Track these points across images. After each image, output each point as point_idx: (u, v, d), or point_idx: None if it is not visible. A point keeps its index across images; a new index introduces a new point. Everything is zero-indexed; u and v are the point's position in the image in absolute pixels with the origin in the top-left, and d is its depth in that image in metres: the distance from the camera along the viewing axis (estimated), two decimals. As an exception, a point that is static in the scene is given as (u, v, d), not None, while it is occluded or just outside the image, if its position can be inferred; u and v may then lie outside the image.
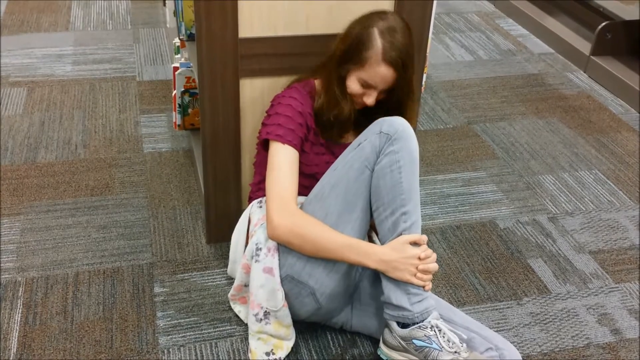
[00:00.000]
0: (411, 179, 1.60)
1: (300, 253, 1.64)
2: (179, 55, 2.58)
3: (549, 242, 2.26)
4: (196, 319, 1.89)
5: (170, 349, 1.79)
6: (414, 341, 1.57)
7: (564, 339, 1.89)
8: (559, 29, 3.73)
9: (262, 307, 1.69)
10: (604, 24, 3.38)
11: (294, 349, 1.79)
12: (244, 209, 2.09)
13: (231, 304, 1.90)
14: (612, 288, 2.08)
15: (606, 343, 1.89)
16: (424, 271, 1.59)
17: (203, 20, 1.79)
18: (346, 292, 1.76)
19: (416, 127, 1.70)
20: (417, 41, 1.98)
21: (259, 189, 1.86)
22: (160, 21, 3.75)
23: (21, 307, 1.90)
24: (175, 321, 1.87)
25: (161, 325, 1.86)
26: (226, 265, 2.06)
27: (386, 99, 1.73)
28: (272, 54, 1.89)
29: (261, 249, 1.69)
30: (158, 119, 2.84)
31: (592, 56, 3.41)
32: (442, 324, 1.59)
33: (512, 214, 2.38)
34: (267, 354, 1.72)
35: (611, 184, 2.58)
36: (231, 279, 2.01)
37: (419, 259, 1.58)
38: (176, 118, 2.56)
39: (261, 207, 1.80)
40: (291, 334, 1.74)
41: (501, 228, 2.31)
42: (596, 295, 2.06)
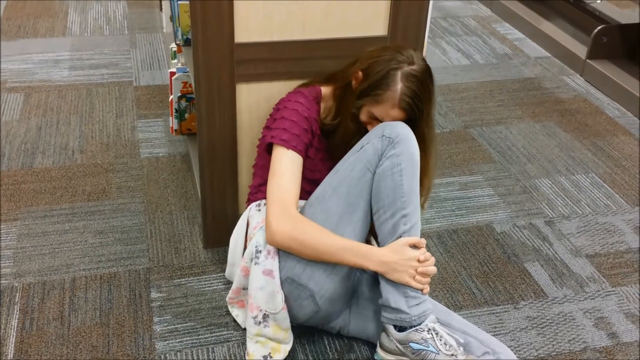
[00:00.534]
0: (412, 182, 1.62)
1: (300, 256, 1.64)
2: (175, 60, 2.58)
3: (545, 245, 2.26)
4: (193, 324, 1.88)
5: (167, 354, 1.79)
6: (411, 344, 1.58)
7: (560, 342, 1.89)
8: (555, 32, 3.74)
9: (261, 310, 1.69)
10: (600, 27, 3.39)
11: (291, 354, 1.79)
12: (241, 214, 2.09)
13: (229, 307, 1.90)
14: (609, 292, 2.09)
15: (603, 347, 1.89)
16: (423, 274, 1.60)
17: (199, 25, 1.79)
18: (345, 296, 1.76)
19: (437, 156, 1.72)
20: (414, 44, 1.99)
21: (258, 192, 1.87)
22: (157, 26, 3.76)
23: (18, 312, 1.89)
24: (172, 326, 1.87)
25: (158, 330, 1.86)
26: (223, 270, 2.06)
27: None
28: (269, 58, 1.89)
29: (261, 251, 1.69)
30: (155, 124, 2.84)
31: (588, 60, 3.42)
32: (439, 327, 1.60)
33: (508, 218, 2.38)
34: (265, 357, 1.71)
35: (608, 187, 2.58)
36: (228, 284, 2.01)
37: (418, 261, 1.59)
38: (173, 123, 2.56)
39: (260, 210, 1.80)
40: (289, 337, 1.74)
41: (498, 232, 2.31)
42: (593, 299, 2.06)
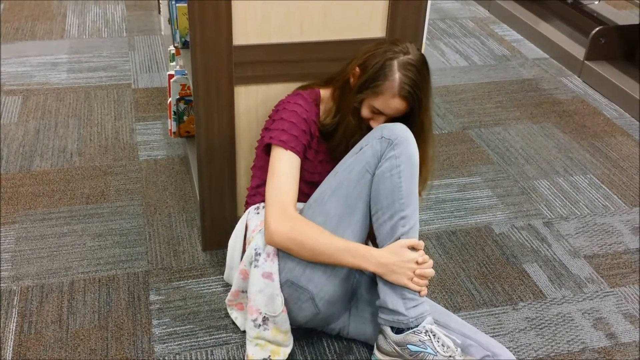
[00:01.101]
0: (410, 183, 1.62)
1: (299, 258, 1.64)
2: (174, 63, 2.58)
3: (544, 246, 2.26)
4: (192, 326, 1.88)
5: (166, 357, 1.78)
6: (408, 346, 1.58)
7: (559, 343, 1.89)
8: (553, 34, 3.75)
9: (260, 313, 1.69)
10: (597, 29, 3.39)
11: (290, 355, 1.79)
12: (239, 216, 2.09)
13: (228, 309, 1.90)
14: (607, 292, 2.09)
15: (601, 347, 1.89)
16: (421, 276, 1.59)
17: (197, 27, 1.79)
18: (344, 298, 1.76)
19: (435, 156, 1.73)
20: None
21: (256, 194, 1.86)
22: (156, 29, 3.76)
23: (16, 316, 1.89)
24: (171, 329, 1.87)
25: (157, 333, 1.86)
26: (222, 273, 2.06)
27: (409, 124, 1.73)
28: (267, 61, 1.90)
29: (260, 254, 1.69)
30: (153, 126, 2.84)
31: (586, 61, 3.43)
32: (437, 328, 1.60)
33: (507, 219, 2.39)
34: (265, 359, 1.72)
35: (606, 188, 2.59)
36: (227, 286, 2.01)
37: (417, 263, 1.59)
38: (171, 125, 2.56)
39: (258, 213, 1.80)
40: (289, 339, 1.74)
41: (496, 233, 2.31)
42: (591, 299, 2.06)
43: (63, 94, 3.05)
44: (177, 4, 2.22)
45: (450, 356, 1.55)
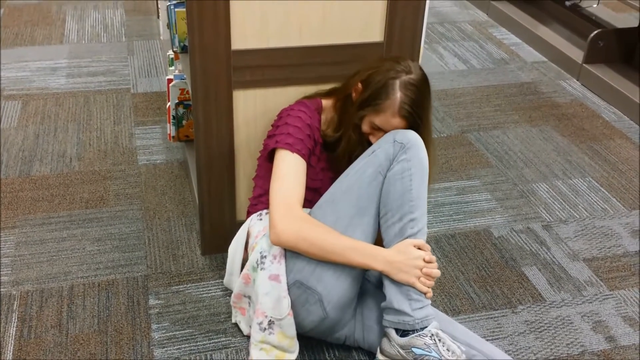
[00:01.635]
0: (420, 187, 1.64)
1: (306, 256, 1.64)
2: (173, 67, 2.59)
3: (543, 250, 2.27)
4: (191, 330, 1.88)
5: (166, 361, 1.79)
6: (413, 349, 1.57)
7: (558, 346, 1.89)
8: (551, 37, 3.75)
9: (266, 316, 1.67)
10: (596, 32, 3.40)
11: (289, 360, 1.78)
12: (238, 220, 2.10)
13: (232, 311, 1.89)
14: (607, 295, 2.09)
15: (601, 350, 1.89)
16: (428, 275, 1.60)
17: (196, 32, 1.79)
18: (351, 304, 1.74)
19: (435, 161, 1.76)
20: (409, 50, 1.99)
21: (258, 203, 1.87)
22: (155, 33, 3.76)
23: (16, 320, 1.89)
24: (170, 333, 1.87)
25: (156, 337, 1.86)
26: (221, 277, 2.06)
27: None
28: (266, 65, 1.90)
29: (266, 256, 1.69)
30: (152, 131, 2.84)
31: (584, 64, 3.43)
32: (442, 332, 1.59)
33: (506, 222, 2.39)
34: None
35: (605, 191, 2.59)
36: (226, 291, 2.01)
37: (424, 261, 1.60)
38: (170, 130, 2.57)
39: (261, 219, 1.80)
40: (294, 346, 1.71)
41: (495, 236, 2.32)
42: (590, 302, 2.06)
43: (62, 98, 3.06)
44: (175, 9, 2.23)
45: None
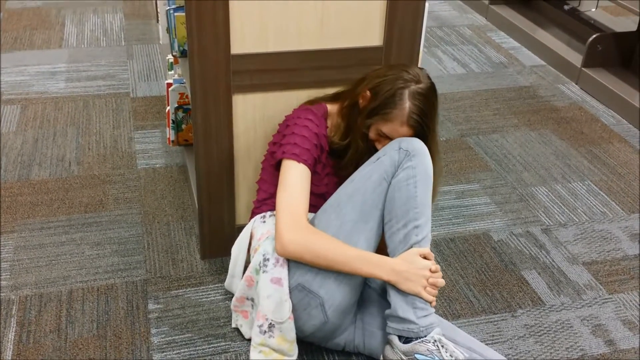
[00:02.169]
0: (425, 194, 1.64)
1: (313, 267, 1.65)
2: (172, 72, 2.59)
3: (542, 253, 2.26)
4: (190, 335, 1.88)
5: (165, 366, 1.78)
6: (416, 356, 1.57)
7: (558, 350, 1.89)
8: (550, 41, 3.76)
9: (267, 319, 1.68)
10: (594, 36, 3.40)
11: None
12: (238, 225, 2.10)
13: (233, 315, 1.88)
14: (606, 299, 2.09)
15: (600, 354, 1.89)
16: (433, 285, 1.61)
17: (195, 36, 1.80)
18: (352, 309, 1.75)
19: (440, 172, 1.78)
20: (409, 54, 2.00)
21: (262, 205, 1.87)
22: (154, 38, 3.77)
23: (15, 325, 1.89)
24: (170, 338, 1.87)
25: (155, 342, 1.85)
26: (221, 281, 2.06)
27: None
28: (265, 69, 1.90)
29: (269, 259, 1.69)
30: (152, 135, 2.84)
31: (583, 68, 3.44)
32: (445, 338, 1.59)
33: (505, 226, 2.39)
34: None
35: (604, 195, 2.59)
36: (226, 294, 2.01)
37: (430, 271, 1.60)
38: (170, 134, 2.57)
39: (265, 221, 1.80)
40: (294, 350, 1.72)
41: (495, 240, 2.31)
42: (590, 306, 2.06)
43: (61, 103, 3.06)
44: (175, 13, 2.23)
45: None
